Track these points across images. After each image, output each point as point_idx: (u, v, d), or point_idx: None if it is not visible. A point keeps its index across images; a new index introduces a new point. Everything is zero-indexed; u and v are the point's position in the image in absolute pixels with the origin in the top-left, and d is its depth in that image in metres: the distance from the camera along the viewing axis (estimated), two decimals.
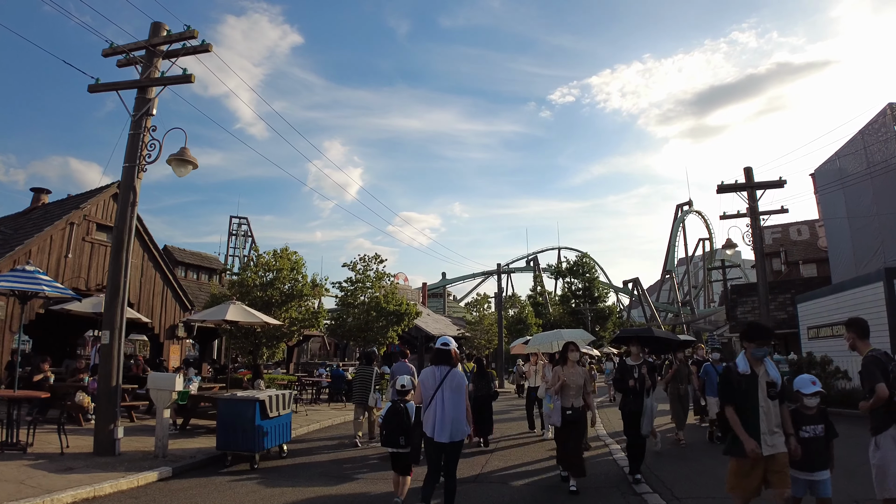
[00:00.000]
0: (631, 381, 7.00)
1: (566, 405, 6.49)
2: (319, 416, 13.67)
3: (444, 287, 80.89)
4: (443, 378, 5.05)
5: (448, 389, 5.00)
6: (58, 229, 15.67)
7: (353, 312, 21.00)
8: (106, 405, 8.10)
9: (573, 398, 6.54)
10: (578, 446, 6.58)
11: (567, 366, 6.64)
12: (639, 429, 6.91)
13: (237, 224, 75.15)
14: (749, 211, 16.49)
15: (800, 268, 39.02)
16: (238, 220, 75.61)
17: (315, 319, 16.46)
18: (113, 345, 8.25)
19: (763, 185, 16.69)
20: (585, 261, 59.39)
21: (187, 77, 9.05)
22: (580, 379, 6.63)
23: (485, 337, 37.22)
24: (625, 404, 7.09)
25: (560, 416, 6.48)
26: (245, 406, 7.70)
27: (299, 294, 16.12)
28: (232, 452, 7.93)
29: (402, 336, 38.04)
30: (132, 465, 7.44)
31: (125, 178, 8.85)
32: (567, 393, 6.53)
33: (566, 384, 6.51)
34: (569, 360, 6.67)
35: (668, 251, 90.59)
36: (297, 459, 8.53)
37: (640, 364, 7.24)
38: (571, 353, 6.69)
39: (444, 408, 4.93)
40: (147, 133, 9.06)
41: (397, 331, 20.88)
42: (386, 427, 5.61)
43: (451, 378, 5.06)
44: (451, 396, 4.98)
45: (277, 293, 15.96)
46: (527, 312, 40.78)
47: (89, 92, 9.67)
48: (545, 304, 64.41)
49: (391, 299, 20.80)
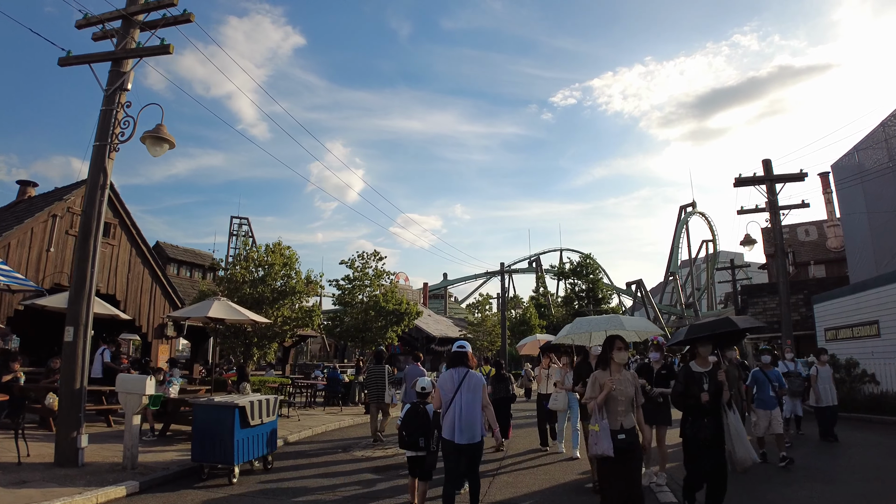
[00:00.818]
0: (704, 396, 5.08)
1: (614, 426, 4.65)
2: (313, 422, 12.79)
3: (446, 288, 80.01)
4: (461, 381, 5.09)
5: (466, 392, 5.04)
6: (39, 222, 14.83)
7: (350, 312, 20.11)
8: (68, 410, 7.23)
9: (623, 416, 4.69)
10: (637, 487, 4.59)
11: (613, 369, 4.84)
12: (716, 461, 5.07)
13: (238, 224, 75.05)
14: (768, 205, 15.64)
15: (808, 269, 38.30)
16: (239, 221, 75.41)
17: (309, 318, 15.56)
18: (77, 343, 7.39)
19: (783, 179, 15.85)
20: (589, 262, 58.43)
21: (165, 48, 8.20)
22: (630, 388, 4.78)
23: (487, 338, 36.32)
24: (693, 428, 5.17)
25: (610, 443, 4.56)
26: (222, 413, 6.82)
27: (292, 291, 15.20)
28: (209, 465, 7.06)
29: (402, 337, 37.23)
30: (94, 479, 6.57)
31: (95, 159, 8.00)
32: (614, 408, 4.70)
33: (613, 396, 4.68)
34: (614, 361, 4.83)
35: (671, 252, 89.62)
36: (283, 473, 7.63)
37: (711, 370, 5.31)
38: (619, 353, 4.83)
39: (463, 410, 4.98)
40: (121, 109, 8.22)
41: (397, 331, 19.99)
42: (406, 429, 5.46)
43: (468, 380, 5.10)
44: (469, 398, 5.02)
45: (269, 290, 15.05)
46: (530, 314, 39.86)
47: (59, 66, 8.84)
48: (548, 306, 63.55)
49: (390, 298, 19.90)
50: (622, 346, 4.85)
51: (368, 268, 20.50)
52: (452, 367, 5.24)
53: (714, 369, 5.34)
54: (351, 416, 14.17)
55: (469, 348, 5.42)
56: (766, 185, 15.73)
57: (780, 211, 15.59)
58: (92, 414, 11.57)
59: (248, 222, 76.42)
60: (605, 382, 4.70)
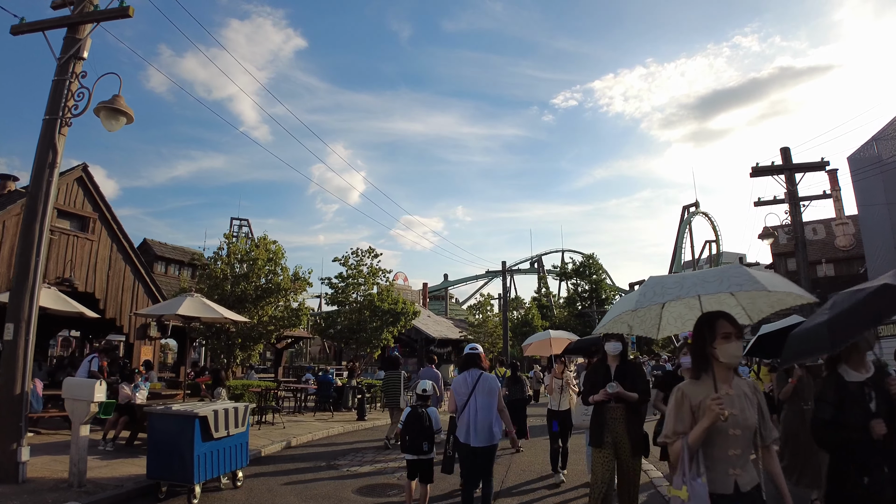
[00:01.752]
0: (878, 426, 2.86)
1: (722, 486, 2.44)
2: (299, 429, 11.83)
3: (446, 289, 79.04)
4: (475, 383, 5.00)
5: (480, 394, 4.94)
6: (12, 215, 13.89)
7: (344, 312, 19.14)
8: (7, 418, 6.29)
9: (737, 465, 2.47)
10: None
11: (718, 377, 2.55)
12: None
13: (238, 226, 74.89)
14: (787, 195, 14.65)
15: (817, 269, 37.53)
16: (239, 223, 75.29)
17: (297, 318, 14.59)
18: (18, 342, 6.44)
19: (802, 168, 14.87)
20: (592, 262, 57.46)
21: (124, 10, 7.28)
22: (752, 412, 2.53)
23: (488, 340, 35.35)
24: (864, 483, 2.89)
25: None
26: (181, 424, 5.87)
27: (277, 289, 14.20)
28: (167, 482, 6.12)
29: (400, 338, 36.24)
30: (32, 498, 5.64)
31: (44, 134, 7.06)
32: (723, 452, 2.48)
33: (720, 429, 2.44)
34: (719, 361, 2.55)
35: (674, 253, 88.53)
36: (254, 494, 6.66)
37: (875, 376, 3.12)
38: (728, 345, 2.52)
39: (478, 412, 4.88)
40: (75, 80, 7.30)
41: (393, 332, 19.00)
42: (408, 433, 5.34)
43: (482, 382, 5.00)
44: (483, 401, 4.93)
45: (252, 287, 14.06)
46: (532, 314, 38.87)
47: (12, 34, 7.95)
48: (550, 307, 62.49)
49: (386, 297, 18.92)
50: (732, 331, 2.53)
51: (363, 265, 19.52)
52: (465, 369, 5.11)
53: (879, 375, 3.10)
54: (342, 423, 13.20)
55: (481, 350, 5.31)
56: (785, 175, 14.75)
57: (801, 203, 14.62)
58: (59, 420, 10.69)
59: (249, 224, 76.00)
60: (709, 405, 2.40)
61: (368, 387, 17.59)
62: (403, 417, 5.44)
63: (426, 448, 5.25)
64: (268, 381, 14.75)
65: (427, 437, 5.25)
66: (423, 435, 5.25)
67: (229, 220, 75.63)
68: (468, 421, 4.86)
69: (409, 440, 5.28)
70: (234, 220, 76.26)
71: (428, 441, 5.25)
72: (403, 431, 5.32)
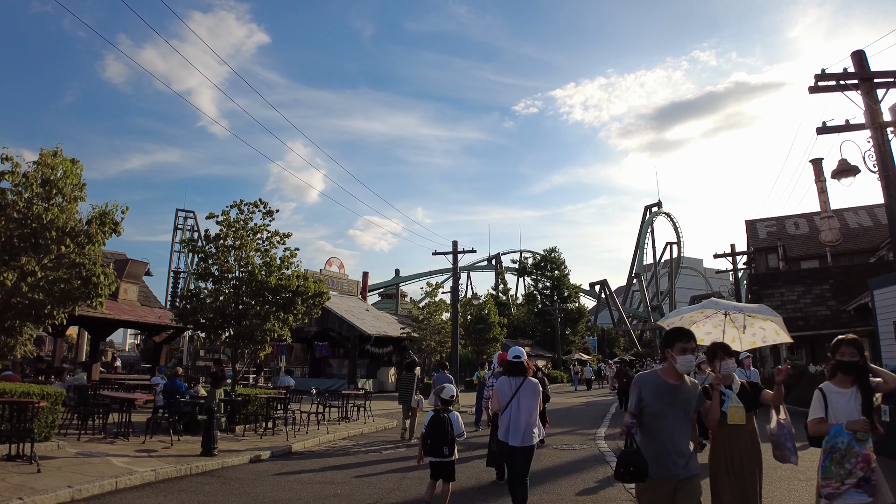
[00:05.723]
0: None
1: None
2: (56, 481, 5.69)
3: (398, 285, 73.03)
4: (518, 387, 5.34)
5: (523, 397, 5.29)
6: None
7: (213, 291, 13.04)
8: None
9: None
10: None
11: None
12: None
13: (184, 218, 68.04)
14: (867, 116, 9.80)
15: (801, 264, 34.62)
16: (185, 214, 68.45)
17: (90, 286, 8.42)
18: None
19: (885, 77, 10.06)
20: (554, 256, 52.91)
21: None
22: None
23: (436, 338, 29.76)
24: None
25: None
26: None
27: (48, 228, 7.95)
28: None
29: (322, 333, 29.76)
30: None
31: None
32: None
33: None
34: None
35: (635, 253, 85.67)
36: None
37: None
38: None
39: (519, 414, 5.21)
40: None
41: (289, 321, 13.03)
42: (431, 436, 5.65)
43: (525, 386, 5.36)
44: (525, 404, 5.27)
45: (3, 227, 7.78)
46: (489, 309, 33.50)
47: None
48: (508, 304, 57.54)
49: (275, 269, 12.95)
50: None
51: (249, 222, 13.48)
52: (510, 375, 5.47)
53: None
54: (174, 462, 7.20)
55: (525, 357, 5.61)
56: (861, 88, 9.90)
57: (886, 128, 9.75)
58: None
59: (195, 216, 68.47)
60: None
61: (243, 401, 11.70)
62: (427, 421, 5.73)
63: (447, 452, 5.60)
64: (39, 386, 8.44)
65: (448, 442, 5.61)
66: (445, 439, 5.59)
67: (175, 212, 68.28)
68: (508, 421, 5.24)
69: (430, 444, 5.62)
70: (181, 211, 68.90)
71: (449, 445, 5.60)
72: (426, 435, 5.65)
